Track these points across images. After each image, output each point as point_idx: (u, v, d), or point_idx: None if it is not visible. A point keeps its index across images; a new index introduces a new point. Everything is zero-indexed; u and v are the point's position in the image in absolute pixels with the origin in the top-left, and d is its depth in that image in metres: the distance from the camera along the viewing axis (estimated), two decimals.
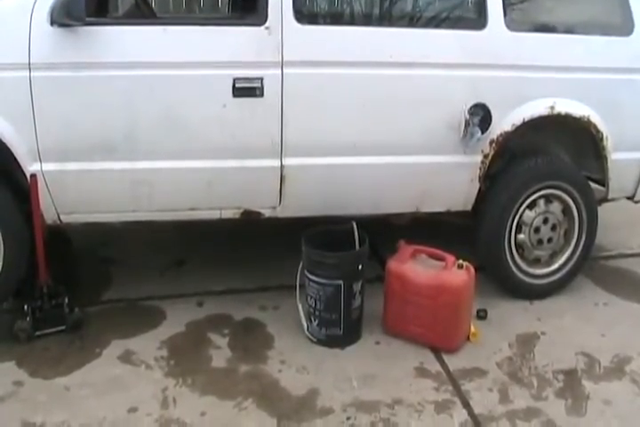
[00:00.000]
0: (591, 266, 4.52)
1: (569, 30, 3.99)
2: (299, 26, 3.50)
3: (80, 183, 3.50)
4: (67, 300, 3.63)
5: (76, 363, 3.44)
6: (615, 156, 4.13)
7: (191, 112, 3.48)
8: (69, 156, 3.43)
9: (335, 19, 3.79)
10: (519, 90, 3.85)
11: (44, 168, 3.42)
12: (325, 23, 3.72)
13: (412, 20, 3.84)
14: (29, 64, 3.26)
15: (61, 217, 3.59)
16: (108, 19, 3.45)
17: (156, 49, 3.42)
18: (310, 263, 3.62)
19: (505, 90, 3.82)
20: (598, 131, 4.03)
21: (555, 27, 3.97)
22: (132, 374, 3.38)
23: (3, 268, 3.55)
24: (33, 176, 3.39)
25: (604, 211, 4.36)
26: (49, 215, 3.55)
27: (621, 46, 4.05)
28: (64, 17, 3.22)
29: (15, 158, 3.38)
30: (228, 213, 3.74)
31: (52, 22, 3.24)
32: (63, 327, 3.64)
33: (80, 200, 3.56)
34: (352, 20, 3.83)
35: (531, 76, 3.85)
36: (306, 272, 3.65)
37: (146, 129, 3.47)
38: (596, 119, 4.00)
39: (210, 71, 3.46)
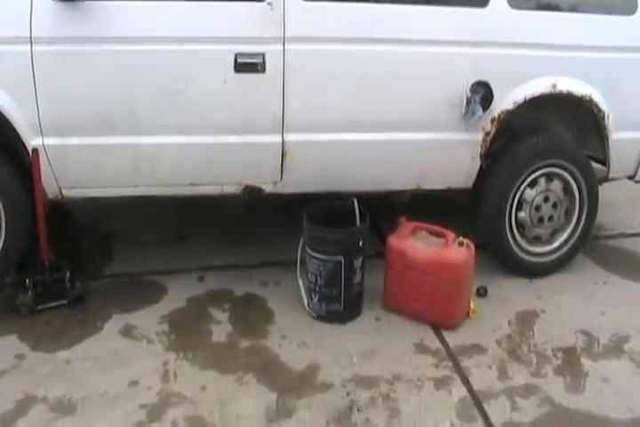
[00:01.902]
0: (592, 245, 4.53)
1: (571, 8, 3.97)
2: (301, 1, 3.49)
3: (82, 158, 3.50)
4: (68, 274, 3.64)
5: (77, 337, 3.46)
6: (616, 135, 4.13)
7: (192, 87, 3.47)
8: (71, 130, 3.43)
9: None
10: (521, 68, 3.84)
11: (45, 142, 3.42)
12: None
13: None
14: (31, 38, 3.25)
15: (63, 191, 3.59)
16: None
17: (158, 24, 3.40)
18: (311, 239, 3.63)
19: (507, 68, 3.81)
20: (600, 110, 4.03)
21: (557, 5, 3.95)
22: (132, 348, 3.41)
23: (5, 242, 3.55)
24: (35, 150, 3.39)
25: (605, 190, 4.37)
26: (50, 190, 3.56)
27: (624, 25, 4.04)
28: None
29: (17, 132, 3.39)
30: (230, 189, 3.74)
31: None
32: (65, 302, 3.65)
33: (82, 175, 3.56)
34: None
35: (533, 54, 3.84)
36: (307, 248, 3.66)
37: (147, 104, 3.46)
38: (597, 98, 4.00)
39: (211, 46, 3.45)
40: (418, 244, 3.66)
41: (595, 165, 4.29)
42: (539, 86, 3.89)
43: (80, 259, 3.99)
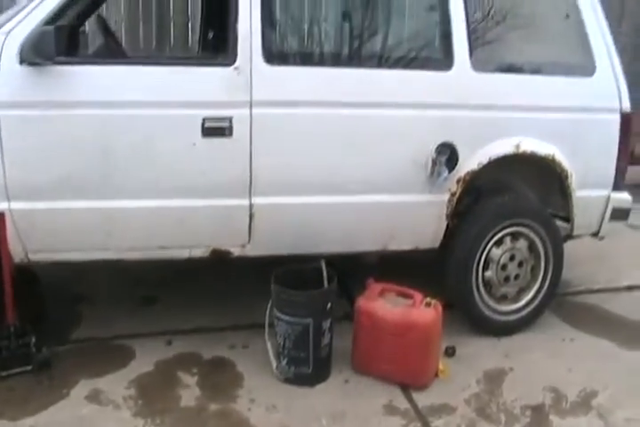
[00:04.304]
0: (558, 302, 4.56)
1: (533, 71, 4.08)
2: (268, 66, 3.54)
3: (49, 222, 3.49)
4: (34, 339, 3.59)
5: (43, 403, 3.40)
6: (579, 193, 4.20)
7: (161, 151, 3.50)
8: (39, 194, 3.42)
9: (304, 59, 3.84)
10: (485, 129, 3.92)
11: (12, 206, 3.40)
12: (294, 64, 3.75)
13: (380, 61, 3.91)
14: None
15: (29, 256, 3.56)
16: (78, 58, 3.46)
17: (126, 88, 3.43)
18: (279, 302, 3.63)
19: (471, 129, 3.88)
20: (563, 169, 4.10)
21: (519, 67, 4.06)
22: (100, 414, 3.35)
23: None
24: (0, 215, 3.37)
25: (569, 247, 4.41)
26: (16, 253, 3.53)
27: (584, 86, 4.15)
28: (34, 55, 3.24)
29: None
30: (198, 252, 3.74)
31: (22, 61, 3.27)
32: (30, 367, 3.60)
33: (49, 238, 3.54)
34: (321, 61, 3.90)
35: (496, 115, 3.93)
36: (275, 310, 3.65)
37: (116, 168, 3.47)
38: (560, 157, 4.07)
39: (179, 111, 3.48)
40: (386, 305, 3.66)
41: (559, 222, 4.34)
42: (503, 147, 3.96)
43: (46, 323, 3.94)
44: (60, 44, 3.25)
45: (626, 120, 4.21)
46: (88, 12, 4.32)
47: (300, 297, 3.57)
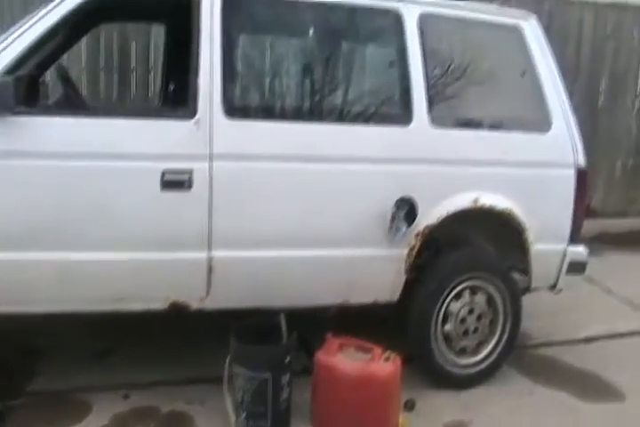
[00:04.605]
0: (517, 354, 4.56)
1: (491, 126, 4.16)
2: (227, 120, 3.57)
3: (4, 273, 3.44)
4: None
5: None
6: (537, 247, 4.25)
7: (119, 203, 3.48)
8: None
9: (264, 113, 3.86)
10: (443, 184, 3.97)
11: None
12: (254, 118, 3.76)
13: (340, 116, 3.94)
14: None
15: None
16: (38, 108, 3.44)
17: (86, 140, 3.43)
18: (238, 356, 3.60)
19: (430, 184, 3.93)
20: (520, 223, 4.15)
21: (477, 123, 4.14)
22: None
23: None
24: None
25: (527, 300, 4.43)
26: None
27: (540, 142, 4.23)
28: None
29: None
30: (156, 305, 3.71)
31: None
32: None
33: (4, 290, 3.48)
34: (281, 115, 3.91)
35: (454, 170, 3.98)
36: (234, 365, 3.63)
37: (73, 219, 3.45)
38: (517, 212, 4.13)
39: (139, 163, 3.48)
40: (345, 359, 3.65)
41: (517, 275, 4.38)
42: (461, 201, 4.00)
43: (1, 376, 3.88)
44: (19, 94, 3.26)
45: (581, 175, 4.29)
46: (49, 61, 4.32)
47: (258, 352, 3.55)
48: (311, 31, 4.02)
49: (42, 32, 3.40)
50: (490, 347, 4.28)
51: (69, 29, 3.81)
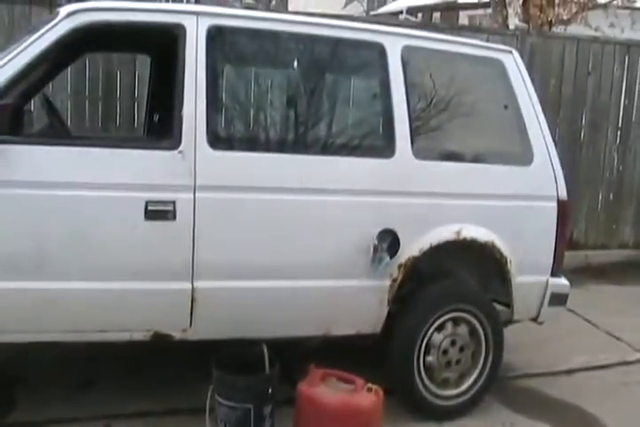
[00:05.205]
0: (499, 386, 4.55)
1: (473, 159, 4.20)
2: (212, 151, 3.59)
3: None
4: None
5: None
6: (519, 279, 4.27)
7: (102, 233, 3.49)
8: None
9: (248, 145, 3.86)
10: (426, 216, 3.99)
11: None
12: (238, 149, 3.77)
13: (324, 148, 3.97)
14: None
15: None
16: (21, 137, 3.44)
17: (69, 169, 3.44)
18: (220, 386, 3.59)
19: (412, 216, 3.95)
20: (502, 255, 4.18)
21: (460, 156, 4.18)
22: None
23: None
24: None
25: (509, 331, 4.45)
26: None
27: (522, 175, 4.27)
28: None
29: None
30: (138, 335, 3.69)
31: None
32: None
33: None
34: (264, 147, 3.91)
35: (437, 202, 4.01)
36: (216, 395, 3.61)
37: (55, 249, 3.44)
38: (500, 244, 4.15)
39: (122, 193, 3.49)
40: (327, 390, 3.65)
41: (499, 307, 4.39)
42: (444, 234, 4.03)
43: None
44: (2, 122, 3.27)
45: (563, 208, 4.33)
46: (33, 90, 4.34)
47: (240, 382, 3.55)
48: (295, 63, 4.04)
49: (27, 61, 3.41)
50: (472, 378, 4.27)
51: (55, 58, 3.84)
